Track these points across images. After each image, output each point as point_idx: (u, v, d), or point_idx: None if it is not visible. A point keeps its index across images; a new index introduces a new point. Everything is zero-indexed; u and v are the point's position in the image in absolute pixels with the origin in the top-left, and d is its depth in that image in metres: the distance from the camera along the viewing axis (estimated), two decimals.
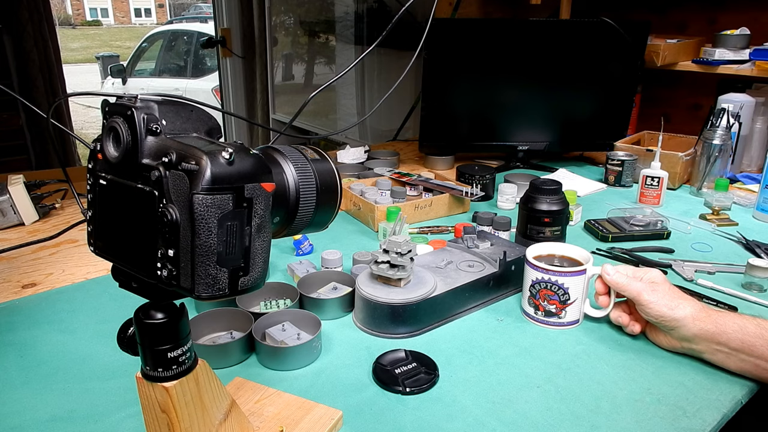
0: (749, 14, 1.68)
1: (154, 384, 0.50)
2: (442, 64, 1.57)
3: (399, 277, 0.83)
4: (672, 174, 1.44)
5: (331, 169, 0.57)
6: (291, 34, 3.51)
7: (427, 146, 1.71)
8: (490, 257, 0.94)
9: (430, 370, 0.74)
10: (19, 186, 1.23)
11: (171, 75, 6.12)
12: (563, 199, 1.06)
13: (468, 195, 1.32)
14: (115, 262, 0.50)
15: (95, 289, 0.97)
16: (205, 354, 0.71)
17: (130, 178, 0.46)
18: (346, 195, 1.31)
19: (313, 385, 0.72)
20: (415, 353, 0.77)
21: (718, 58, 1.59)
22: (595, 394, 0.71)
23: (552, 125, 1.69)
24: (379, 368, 0.74)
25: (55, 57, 3.00)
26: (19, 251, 1.12)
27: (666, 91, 1.89)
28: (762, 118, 1.60)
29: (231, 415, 0.57)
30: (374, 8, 2.77)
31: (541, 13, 2.03)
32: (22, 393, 0.71)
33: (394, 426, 0.65)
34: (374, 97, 2.80)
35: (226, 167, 0.43)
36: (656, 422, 0.66)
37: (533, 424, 0.66)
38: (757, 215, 1.30)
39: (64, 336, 0.83)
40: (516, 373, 0.75)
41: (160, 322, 0.49)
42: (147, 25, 21.92)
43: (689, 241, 1.17)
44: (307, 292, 0.90)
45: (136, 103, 0.45)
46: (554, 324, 0.85)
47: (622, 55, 1.57)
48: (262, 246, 0.47)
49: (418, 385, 0.71)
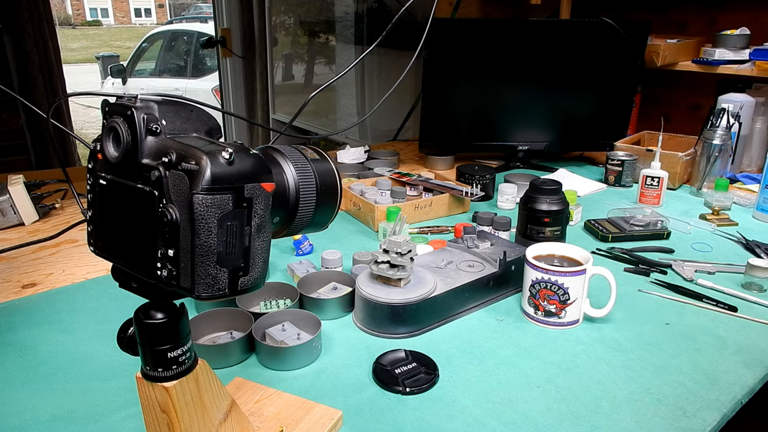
0: (749, 14, 1.68)
1: (154, 384, 0.50)
2: (442, 64, 1.57)
3: (399, 277, 0.83)
4: (672, 174, 1.44)
5: (331, 169, 0.57)
6: (291, 34, 3.51)
7: (427, 146, 1.71)
8: (490, 257, 0.94)
9: (430, 370, 0.74)
10: (19, 186, 1.23)
11: (171, 75, 6.12)
12: (563, 199, 1.06)
13: (468, 195, 1.32)
14: (115, 262, 0.50)
15: (95, 289, 0.97)
16: (205, 354, 0.71)
17: (130, 178, 0.46)
18: (346, 195, 1.31)
19: (313, 385, 0.72)
20: (415, 353, 0.77)
21: (718, 58, 1.59)
22: (595, 394, 0.71)
23: (552, 125, 1.69)
24: (379, 368, 0.74)
25: (55, 57, 3.00)
26: (19, 251, 1.12)
27: (666, 91, 1.89)
28: (762, 118, 1.60)
29: (231, 415, 0.57)
30: (374, 8, 2.76)
31: (541, 13, 2.03)
32: (22, 393, 0.71)
33: (394, 426, 0.65)
34: (374, 97, 2.80)
35: (226, 167, 0.43)
36: (656, 422, 0.66)
37: (533, 424, 0.66)
38: (757, 215, 1.30)
39: (64, 336, 0.83)
40: (516, 373, 0.75)
41: (160, 322, 0.49)
42: (147, 25, 21.92)
43: (689, 241, 1.17)
44: (307, 292, 0.90)
45: (136, 103, 0.45)
46: (554, 324, 0.85)
47: (622, 55, 1.57)
48: (262, 246, 0.47)
49: (418, 385, 0.71)
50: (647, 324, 0.87)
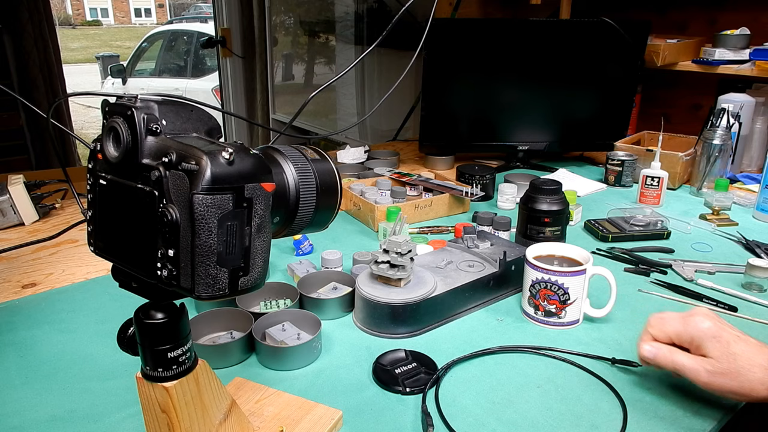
0: (749, 14, 1.68)
1: (154, 384, 0.50)
2: (442, 64, 1.57)
3: (399, 277, 0.83)
4: (672, 174, 1.44)
5: (331, 169, 0.57)
6: (291, 34, 3.51)
7: (427, 146, 1.71)
8: (490, 257, 0.94)
9: (430, 370, 0.74)
10: (19, 186, 1.23)
11: (171, 75, 6.12)
12: (563, 199, 1.06)
13: (468, 195, 1.32)
14: (115, 262, 0.50)
15: (95, 289, 0.97)
16: (205, 354, 0.71)
17: (130, 178, 0.46)
18: (346, 195, 1.31)
19: (313, 385, 0.72)
20: (415, 353, 0.77)
21: (718, 58, 1.59)
22: (595, 394, 0.71)
23: (552, 125, 1.69)
24: (379, 368, 0.74)
25: (55, 57, 3.00)
26: (19, 251, 1.12)
27: (666, 91, 1.89)
28: (762, 118, 1.60)
29: (231, 415, 0.57)
30: (374, 8, 2.76)
31: (541, 13, 2.03)
32: (22, 393, 0.71)
33: (394, 426, 0.65)
34: (374, 97, 2.80)
35: (226, 167, 0.43)
36: (656, 422, 0.66)
37: (533, 424, 0.66)
38: (757, 215, 1.30)
39: (64, 336, 0.83)
40: (516, 373, 0.75)
41: (160, 322, 0.49)
42: (147, 25, 21.92)
43: (689, 241, 1.17)
44: (307, 292, 0.90)
45: (136, 103, 0.45)
46: (554, 324, 0.85)
47: (622, 55, 1.57)
48: (262, 246, 0.47)
49: (418, 385, 0.71)
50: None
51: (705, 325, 0.64)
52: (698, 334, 0.64)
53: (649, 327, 0.69)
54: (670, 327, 0.66)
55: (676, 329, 0.66)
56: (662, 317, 0.68)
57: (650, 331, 0.68)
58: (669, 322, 0.67)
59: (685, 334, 0.65)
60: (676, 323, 0.66)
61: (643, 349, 0.67)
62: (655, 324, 0.68)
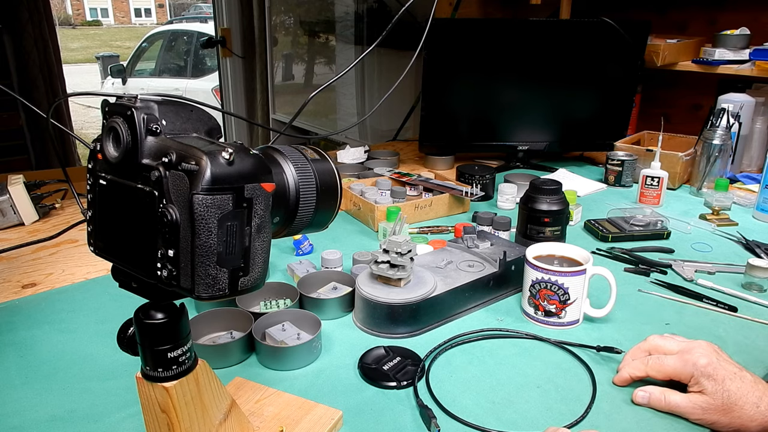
0: (749, 14, 1.68)
1: (154, 384, 0.50)
2: (442, 64, 1.57)
3: (399, 277, 0.83)
4: (672, 174, 1.44)
5: (331, 169, 0.57)
6: (291, 34, 3.50)
7: (427, 146, 1.71)
8: (490, 257, 0.94)
9: (416, 361, 0.74)
10: (19, 186, 1.23)
11: (171, 75, 6.12)
12: (563, 199, 1.06)
13: (468, 195, 1.32)
14: (115, 262, 0.50)
15: (95, 289, 0.97)
16: (205, 354, 0.71)
17: (130, 178, 0.46)
18: (346, 195, 1.31)
19: (313, 385, 0.72)
20: (395, 348, 0.78)
21: (718, 58, 1.59)
22: (595, 394, 0.71)
23: (552, 125, 1.69)
24: (365, 368, 0.74)
25: (55, 57, 3.00)
26: (19, 251, 1.12)
27: (666, 91, 1.89)
28: (762, 118, 1.60)
29: (231, 415, 0.57)
30: (374, 8, 2.76)
31: (541, 13, 2.03)
32: (22, 393, 0.71)
33: (394, 426, 0.65)
34: (374, 97, 2.79)
35: (226, 167, 0.43)
36: (656, 422, 0.66)
37: (533, 424, 0.66)
38: (757, 215, 1.30)
39: (64, 336, 0.83)
40: (516, 373, 0.75)
41: (160, 322, 0.49)
42: (147, 25, 21.91)
43: (689, 241, 1.17)
44: (307, 292, 0.90)
45: (136, 103, 0.45)
46: (554, 324, 0.85)
47: (622, 55, 1.57)
48: (262, 246, 0.47)
49: (409, 377, 0.71)
50: (647, 324, 0.87)
51: (702, 362, 0.66)
52: (696, 372, 0.66)
53: (647, 368, 0.70)
54: (669, 368, 0.69)
55: (675, 369, 0.68)
56: (660, 360, 0.70)
57: (649, 373, 0.70)
58: (667, 362, 0.69)
59: (684, 374, 0.67)
60: (674, 363, 0.69)
61: (636, 396, 0.69)
62: (653, 366, 0.70)
